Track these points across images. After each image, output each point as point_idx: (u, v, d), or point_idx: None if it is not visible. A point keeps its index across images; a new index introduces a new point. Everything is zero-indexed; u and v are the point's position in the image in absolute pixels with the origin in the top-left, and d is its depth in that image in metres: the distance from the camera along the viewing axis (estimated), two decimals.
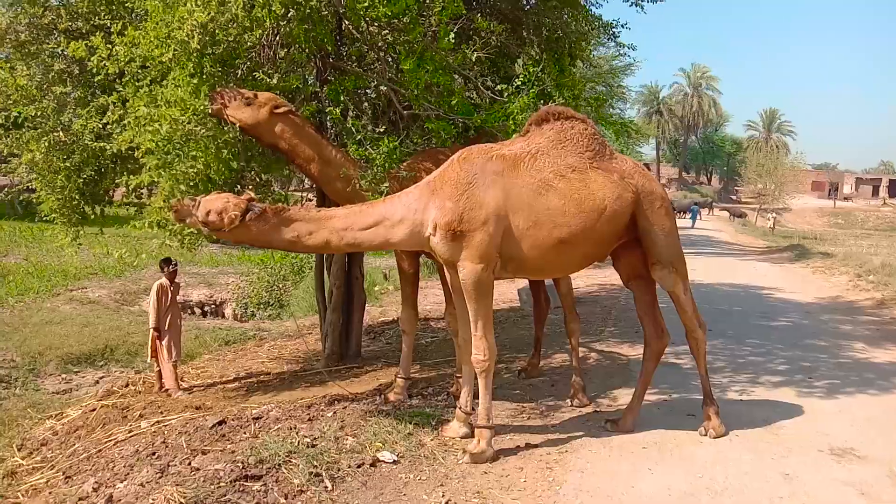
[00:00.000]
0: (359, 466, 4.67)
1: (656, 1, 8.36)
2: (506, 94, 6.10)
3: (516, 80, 6.18)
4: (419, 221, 4.82)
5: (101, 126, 6.37)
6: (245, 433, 5.38)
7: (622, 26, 7.89)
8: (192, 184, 5.61)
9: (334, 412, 5.75)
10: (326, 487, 4.37)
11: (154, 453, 5.18)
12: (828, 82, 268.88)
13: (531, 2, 7.78)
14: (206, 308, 15.34)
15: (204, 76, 5.55)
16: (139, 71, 5.76)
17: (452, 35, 5.79)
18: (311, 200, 10.33)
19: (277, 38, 6.07)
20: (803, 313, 11.53)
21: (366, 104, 7.09)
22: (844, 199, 69.90)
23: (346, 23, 6.36)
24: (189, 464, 4.69)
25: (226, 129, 5.62)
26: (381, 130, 5.93)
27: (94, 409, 7.26)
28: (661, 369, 6.01)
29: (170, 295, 7.91)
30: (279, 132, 5.70)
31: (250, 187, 5.85)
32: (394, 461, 4.81)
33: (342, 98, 6.30)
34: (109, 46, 5.68)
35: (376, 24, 6.24)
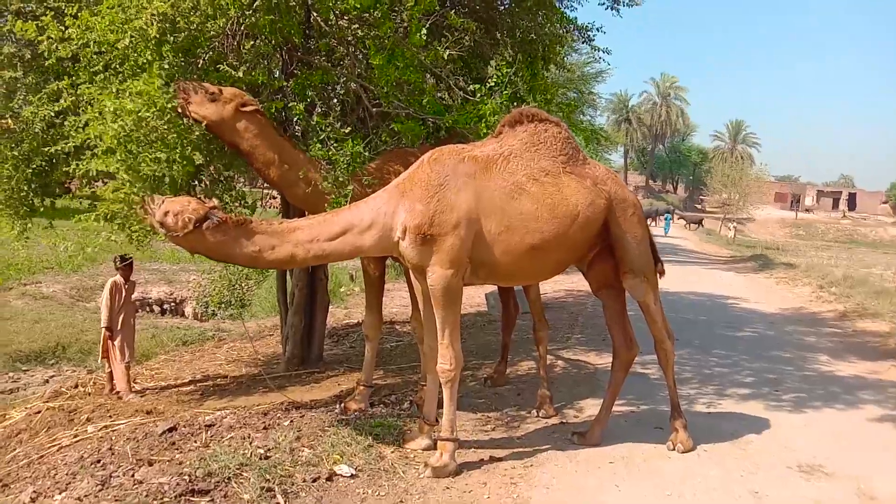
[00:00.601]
0: (314, 481, 4.43)
1: (631, 5, 8.30)
2: (478, 94, 5.93)
3: (489, 81, 6.02)
4: (389, 225, 4.61)
5: (53, 114, 6.05)
6: (196, 441, 5.10)
7: (597, 29, 7.80)
8: (148, 181, 5.31)
9: (291, 421, 5.49)
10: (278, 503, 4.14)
11: (99, 461, 4.87)
12: (792, 95, 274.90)
13: (505, 2, 7.65)
14: (166, 306, 14.90)
15: (166, 66, 5.26)
16: (94, 56, 5.45)
17: (424, 31, 5.59)
18: (275, 199, 10.07)
19: (242, 28, 5.80)
20: (768, 324, 11.56)
21: (334, 100, 6.86)
22: (806, 210, 71.34)
23: (315, 15, 6.12)
24: (133, 475, 4.40)
25: (192, 126, 5.29)
26: (348, 131, 5.67)
27: (39, 412, 6.89)
28: (629, 379, 5.88)
29: (123, 293, 7.59)
30: (241, 130, 5.37)
31: (206, 184, 5.56)
32: (351, 475, 4.59)
33: (309, 93, 6.06)
34: (62, 28, 5.36)
35: (346, 17, 6.01)
